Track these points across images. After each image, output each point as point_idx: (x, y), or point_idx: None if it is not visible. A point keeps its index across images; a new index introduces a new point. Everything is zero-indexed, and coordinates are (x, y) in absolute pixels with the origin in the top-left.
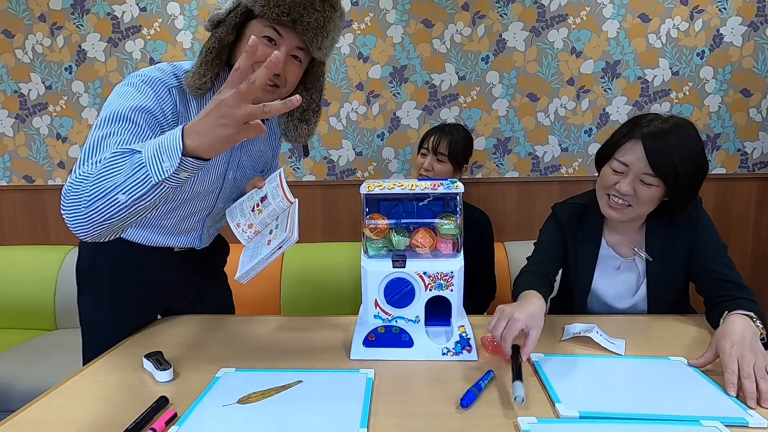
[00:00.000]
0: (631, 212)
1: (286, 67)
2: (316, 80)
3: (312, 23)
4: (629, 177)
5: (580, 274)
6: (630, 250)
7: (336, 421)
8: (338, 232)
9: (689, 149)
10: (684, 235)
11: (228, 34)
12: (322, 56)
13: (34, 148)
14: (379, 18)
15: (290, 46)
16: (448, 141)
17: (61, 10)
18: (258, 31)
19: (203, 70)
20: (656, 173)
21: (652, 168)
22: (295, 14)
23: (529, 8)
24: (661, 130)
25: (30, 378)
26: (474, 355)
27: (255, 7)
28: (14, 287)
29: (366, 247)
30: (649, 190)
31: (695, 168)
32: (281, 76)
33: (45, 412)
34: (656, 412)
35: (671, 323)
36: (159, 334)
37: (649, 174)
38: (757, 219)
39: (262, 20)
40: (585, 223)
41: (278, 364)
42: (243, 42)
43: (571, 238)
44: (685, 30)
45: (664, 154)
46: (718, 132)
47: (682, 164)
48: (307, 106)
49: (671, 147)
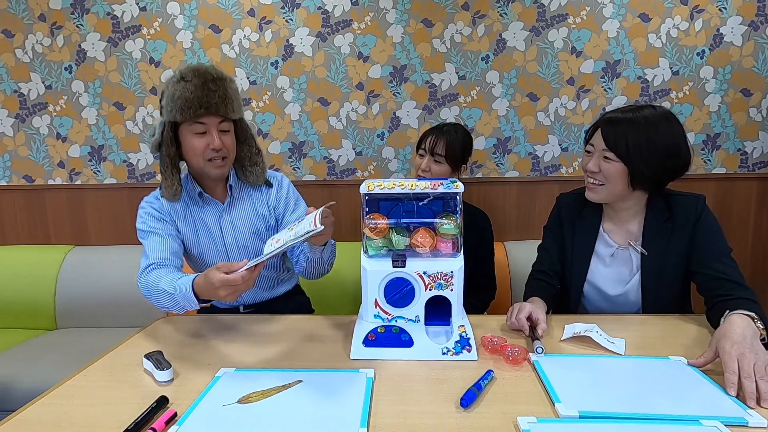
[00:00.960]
0: (603, 191)
1: (222, 140)
2: (245, 132)
3: (218, 101)
4: (594, 156)
5: (577, 261)
6: (625, 239)
7: (336, 421)
8: (338, 231)
9: (645, 129)
10: (682, 233)
11: (170, 147)
12: (238, 116)
13: (34, 148)
14: (379, 18)
15: (215, 126)
16: (445, 142)
17: (61, 10)
18: (189, 131)
19: (169, 183)
20: (610, 149)
21: (606, 145)
22: (203, 104)
23: (529, 8)
24: (619, 115)
25: (30, 378)
26: (474, 355)
27: (176, 118)
28: (14, 287)
29: (366, 246)
30: (610, 165)
31: (650, 146)
32: (223, 149)
33: (45, 412)
34: (656, 412)
35: (671, 323)
36: (159, 334)
37: (605, 150)
38: (757, 219)
39: (186, 123)
40: (585, 212)
41: (278, 364)
42: (184, 145)
43: (570, 227)
44: (686, 30)
45: (618, 134)
46: (718, 132)
47: (633, 141)
48: (249, 154)
49: (625, 127)
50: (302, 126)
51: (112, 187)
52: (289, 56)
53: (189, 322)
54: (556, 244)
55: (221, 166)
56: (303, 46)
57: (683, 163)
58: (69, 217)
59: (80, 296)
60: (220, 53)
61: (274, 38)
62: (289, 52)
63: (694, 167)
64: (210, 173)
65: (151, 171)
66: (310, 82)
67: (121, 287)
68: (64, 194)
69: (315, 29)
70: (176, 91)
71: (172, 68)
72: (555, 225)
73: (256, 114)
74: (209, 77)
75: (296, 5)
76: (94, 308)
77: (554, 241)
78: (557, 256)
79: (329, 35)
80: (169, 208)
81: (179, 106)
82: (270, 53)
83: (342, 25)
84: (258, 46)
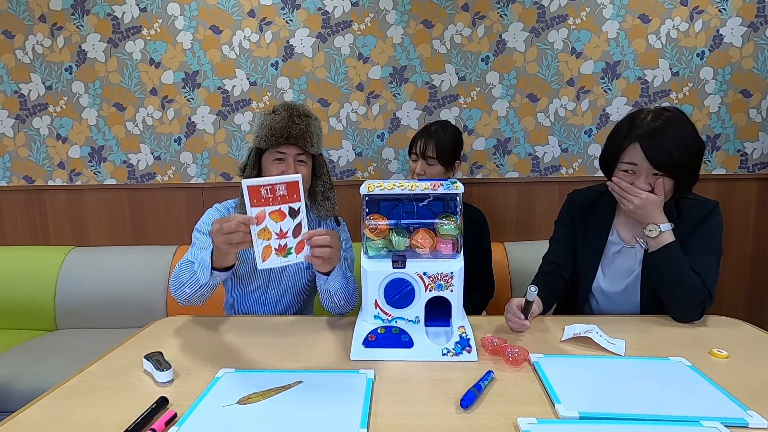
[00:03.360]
0: None
1: (297, 169)
2: (321, 168)
3: (300, 134)
4: (642, 176)
5: (588, 258)
6: (633, 237)
7: (336, 421)
8: None
9: (683, 139)
10: (685, 234)
11: (252, 170)
12: (316, 151)
13: (34, 149)
14: (379, 18)
15: (293, 155)
16: (434, 144)
17: (61, 11)
18: (270, 158)
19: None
20: (658, 169)
21: (653, 167)
22: (286, 134)
23: (529, 9)
24: (655, 129)
25: (30, 378)
26: (474, 356)
27: (261, 145)
28: (14, 287)
29: (366, 247)
30: (662, 180)
31: (691, 153)
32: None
33: (45, 412)
34: (656, 413)
35: (671, 324)
36: (159, 335)
37: (651, 167)
38: (757, 219)
39: (269, 151)
40: (598, 210)
41: (278, 365)
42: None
43: (582, 223)
44: (685, 30)
45: (662, 152)
46: (718, 132)
47: (678, 155)
48: (323, 189)
49: (666, 143)
50: None
51: (112, 188)
52: (289, 57)
53: (189, 322)
54: (568, 237)
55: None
56: (303, 47)
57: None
58: (69, 218)
59: (80, 297)
60: (221, 54)
61: (274, 39)
62: (289, 53)
63: None
64: None
65: (151, 172)
66: (310, 83)
67: (121, 288)
68: (64, 195)
69: (315, 30)
70: (265, 121)
71: (172, 69)
72: (567, 219)
73: (256, 115)
74: (296, 112)
75: (296, 6)
76: (94, 309)
77: (566, 233)
78: (569, 249)
79: (329, 36)
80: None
81: (265, 134)
82: (270, 54)
83: (342, 26)
84: (258, 47)
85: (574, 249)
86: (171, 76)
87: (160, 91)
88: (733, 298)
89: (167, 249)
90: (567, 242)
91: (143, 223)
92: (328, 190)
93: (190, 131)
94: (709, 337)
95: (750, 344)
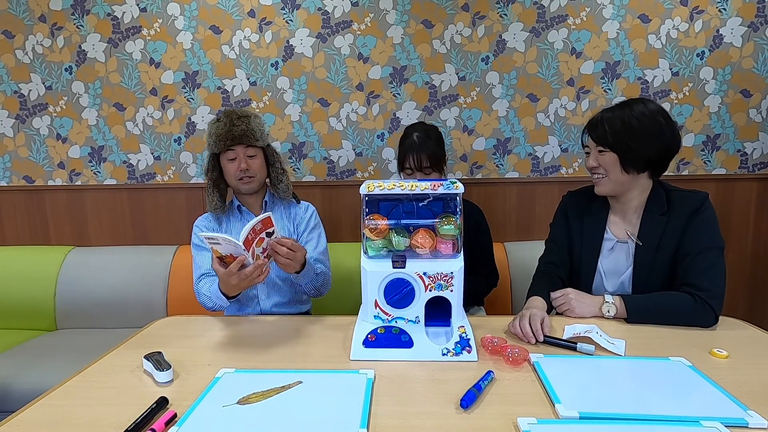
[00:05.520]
0: (607, 182)
1: (248, 163)
2: (273, 156)
3: (242, 134)
4: (591, 153)
5: (586, 255)
6: (624, 233)
7: (336, 421)
8: (338, 232)
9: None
10: (676, 226)
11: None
12: (262, 144)
13: (34, 149)
14: (379, 18)
15: (243, 153)
16: (427, 155)
17: (61, 11)
18: (225, 158)
19: (210, 199)
20: (597, 142)
21: (593, 140)
22: (230, 136)
23: (529, 9)
24: (602, 113)
25: (30, 378)
26: (474, 356)
27: (214, 150)
28: (14, 287)
29: (366, 247)
30: (604, 156)
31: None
32: (249, 170)
33: (45, 413)
34: (656, 413)
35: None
36: (159, 335)
37: (596, 145)
38: (757, 219)
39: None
40: (593, 207)
41: (278, 365)
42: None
43: (577, 222)
44: (685, 30)
45: (600, 128)
46: (718, 132)
47: (612, 128)
48: (276, 174)
49: (605, 121)
50: (302, 127)
51: (112, 188)
52: (289, 57)
53: (189, 322)
54: (564, 237)
55: (248, 183)
56: (303, 47)
57: (670, 139)
58: (69, 218)
59: (80, 297)
60: (220, 54)
61: (274, 39)
62: (289, 53)
63: (695, 168)
64: (241, 189)
65: (151, 172)
66: (310, 83)
67: (121, 288)
68: (64, 195)
69: (315, 30)
70: (212, 129)
71: (172, 69)
72: (562, 220)
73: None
74: (234, 116)
75: (296, 6)
76: (94, 309)
77: (562, 233)
78: (566, 248)
79: (329, 36)
80: (216, 225)
81: (213, 141)
82: (270, 54)
83: (342, 26)
84: (258, 47)
85: (571, 250)
86: (171, 76)
87: (160, 91)
88: (733, 298)
89: (167, 249)
90: (563, 243)
91: (143, 223)
92: (280, 175)
93: (190, 131)
94: (709, 337)
95: (750, 344)
